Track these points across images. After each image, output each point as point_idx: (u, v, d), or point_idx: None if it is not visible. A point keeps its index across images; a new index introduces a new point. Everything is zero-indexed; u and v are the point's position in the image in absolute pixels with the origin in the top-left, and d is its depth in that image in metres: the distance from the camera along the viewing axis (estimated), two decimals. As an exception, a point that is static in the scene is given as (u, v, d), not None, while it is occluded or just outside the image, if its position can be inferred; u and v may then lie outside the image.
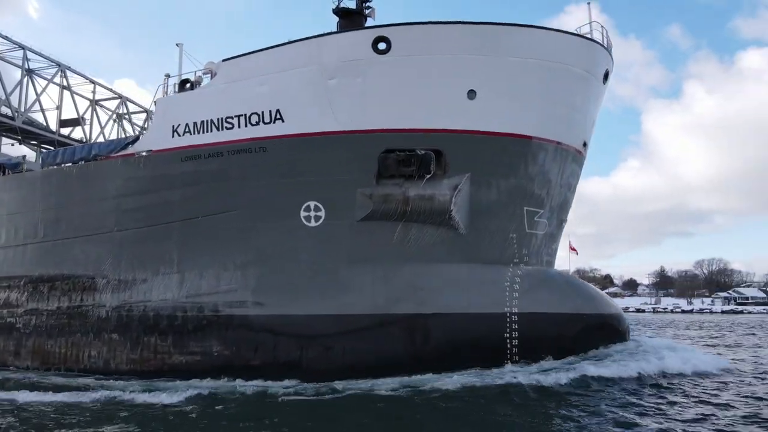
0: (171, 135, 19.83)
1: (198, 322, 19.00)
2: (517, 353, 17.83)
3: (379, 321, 17.85)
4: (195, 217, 19.54)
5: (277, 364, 17.91)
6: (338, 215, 18.36)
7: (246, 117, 18.76)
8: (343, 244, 18.42)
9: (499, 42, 18.08)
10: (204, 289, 19.24)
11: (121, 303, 20.23)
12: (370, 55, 17.79)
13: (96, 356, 20.15)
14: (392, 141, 18.00)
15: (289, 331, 18.08)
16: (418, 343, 17.76)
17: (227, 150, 18.94)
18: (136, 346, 19.57)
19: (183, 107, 19.82)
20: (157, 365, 19.12)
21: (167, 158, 19.83)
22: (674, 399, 14.68)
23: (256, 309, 18.54)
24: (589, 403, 14.01)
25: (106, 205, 20.87)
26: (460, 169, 18.33)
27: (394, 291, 18.11)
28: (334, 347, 17.78)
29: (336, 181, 18.26)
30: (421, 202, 18.05)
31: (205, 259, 19.37)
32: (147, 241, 20.14)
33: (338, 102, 17.93)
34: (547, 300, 18.72)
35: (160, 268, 19.90)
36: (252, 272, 18.84)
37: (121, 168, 20.67)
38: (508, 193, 19.06)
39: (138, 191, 20.33)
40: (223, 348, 18.48)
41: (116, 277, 20.49)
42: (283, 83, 18.41)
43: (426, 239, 18.46)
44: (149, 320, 19.63)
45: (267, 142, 18.53)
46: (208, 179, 19.25)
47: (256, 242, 18.85)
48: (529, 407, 13.79)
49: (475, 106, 18.09)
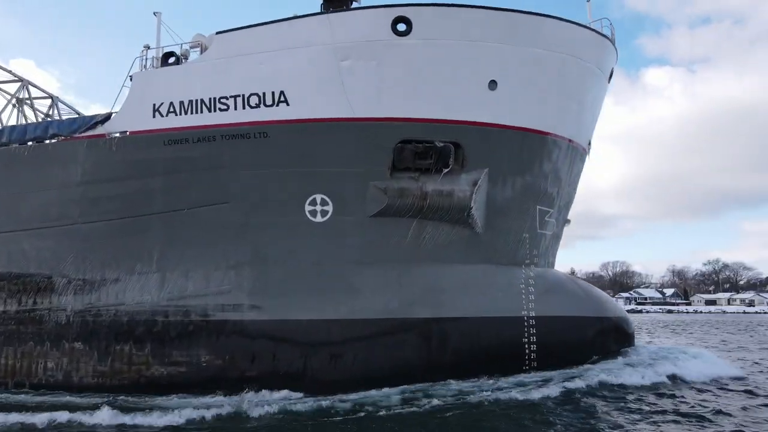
0: (152, 115, 17.35)
1: (183, 327, 16.70)
2: (535, 359, 16.98)
3: (392, 326, 16.40)
4: (180, 209, 17.19)
5: (277, 374, 16.02)
6: (347, 210, 16.73)
7: (244, 98, 16.70)
8: (353, 242, 16.80)
9: (521, 31, 17.14)
10: (190, 290, 16.95)
11: (86, 306, 17.47)
12: (388, 36, 16.30)
13: (54, 368, 17.28)
14: (409, 131, 16.60)
15: (291, 338, 16.24)
16: (434, 349, 16.48)
17: (220, 134, 16.79)
18: (105, 357, 16.94)
19: (167, 84, 17.40)
20: (132, 378, 16.62)
21: (147, 141, 17.33)
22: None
23: (253, 313, 16.52)
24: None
25: (67, 193, 17.99)
26: (478, 164, 17.23)
27: (408, 294, 16.72)
28: (343, 355, 16.15)
29: (346, 172, 16.62)
30: (440, 198, 16.77)
31: (192, 256, 17.08)
32: (120, 235, 17.52)
33: (352, 86, 16.30)
34: (562, 303, 18.03)
35: (135, 267, 17.36)
36: (248, 272, 16.79)
37: (87, 150, 17.87)
38: (523, 191, 18.19)
39: (109, 178, 17.65)
40: (214, 357, 16.33)
41: (80, 276, 17.69)
42: (289, 62, 16.53)
43: (442, 238, 17.20)
44: (122, 326, 17.06)
45: (269, 126, 16.56)
46: (197, 166, 16.99)
47: (253, 238, 16.83)
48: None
49: (496, 97, 17.06)
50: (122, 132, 17.70)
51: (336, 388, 15.68)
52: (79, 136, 18.07)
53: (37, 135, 18.78)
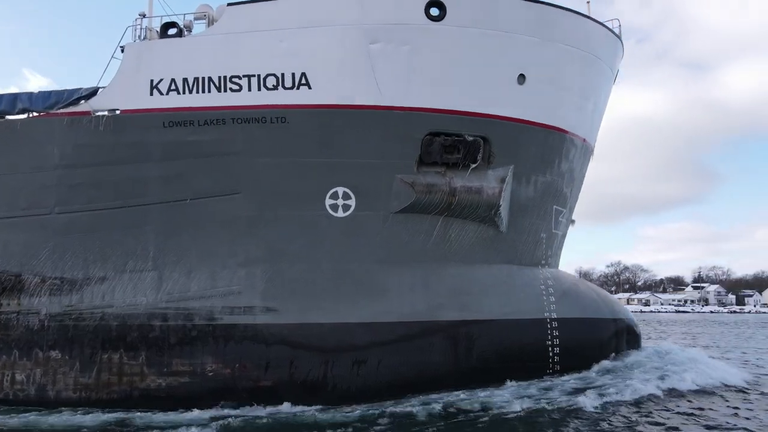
0: (149, 92, 15.29)
1: (185, 333, 14.82)
2: (558, 362, 16.55)
3: (419, 330, 15.37)
4: (181, 200, 15.27)
5: (294, 384, 14.57)
6: (371, 205, 15.51)
7: (260, 78, 15.06)
8: (376, 240, 15.60)
9: (550, 25, 16.66)
10: (193, 291, 15.07)
11: (64, 309, 15.12)
12: (421, 20, 15.26)
13: (24, 381, 14.81)
14: (438, 123, 15.64)
15: (310, 344, 14.81)
16: (461, 354, 15.62)
17: (232, 117, 15.05)
18: (89, 367, 14.71)
19: (168, 58, 15.39)
20: (122, 391, 14.54)
21: (143, 122, 15.26)
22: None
23: (267, 316, 14.92)
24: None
25: (40, 178, 15.52)
26: (504, 161, 16.55)
27: (435, 295, 15.76)
28: (367, 362, 14.94)
29: (371, 164, 15.41)
30: (468, 195, 15.92)
31: (195, 252, 15.21)
32: (108, 227, 15.31)
33: (382, 71, 15.11)
34: (581, 305, 17.75)
35: (127, 264, 15.23)
36: (261, 271, 15.16)
37: (68, 129, 15.46)
38: (544, 190, 17.74)
39: (95, 162, 15.39)
40: (222, 366, 14.59)
41: (57, 274, 15.29)
42: (311, 42, 15.09)
43: (467, 237, 16.37)
44: (111, 331, 14.90)
45: (288, 111, 15.04)
46: (203, 152, 15.15)
47: (267, 233, 15.22)
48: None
49: (524, 92, 16.46)
50: (112, 110, 15.49)
51: (359, 397, 14.51)
52: (58, 113, 15.63)
53: (1, 109, 16.08)
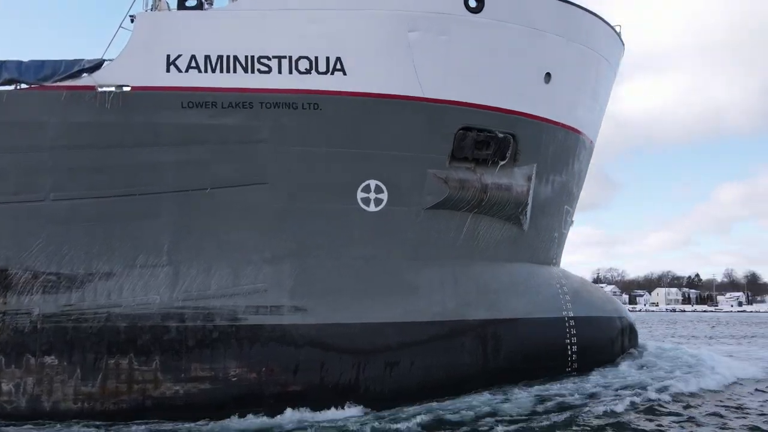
0: (165, 68, 13.77)
1: (204, 334, 13.51)
2: (576, 360, 16.71)
3: (450, 329, 14.95)
4: (200, 189, 13.90)
5: (326, 388, 13.70)
6: (403, 200, 14.88)
7: (291, 60, 14.00)
8: (408, 236, 14.98)
9: (575, 25, 16.76)
10: (214, 288, 13.77)
11: (62, 309, 13.30)
12: (460, 10, 14.80)
13: (13, 392, 12.87)
14: (471, 118, 15.27)
15: (342, 345, 13.98)
16: (489, 353, 15.36)
17: (260, 100, 13.88)
18: (92, 374, 13.04)
19: (188, 32, 13.92)
20: (133, 401, 13.01)
21: (157, 101, 13.72)
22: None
23: (296, 316, 13.91)
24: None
25: (31, 159, 13.57)
26: (528, 159, 16.47)
27: (464, 294, 15.39)
28: (399, 363, 14.32)
29: (404, 157, 14.78)
30: (499, 192, 15.68)
31: (215, 247, 13.90)
32: (113, 217, 13.64)
33: (420, 61, 14.51)
34: (592, 303, 18.04)
35: (137, 258, 13.65)
36: (289, 267, 14.10)
37: (66, 105, 13.58)
38: (559, 190, 17.88)
39: (99, 143, 13.66)
40: (247, 370, 13.44)
41: (52, 269, 13.41)
42: (347, 25, 14.22)
43: (494, 235, 16.13)
44: (118, 334, 13.29)
45: (321, 97, 14.08)
46: (227, 137, 13.87)
47: (295, 227, 14.18)
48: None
49: (549, 91, 16.46)
50: (120, 86, 13.82)
51: (392, 400, 13.89)
52: (53, 86, 13.73)
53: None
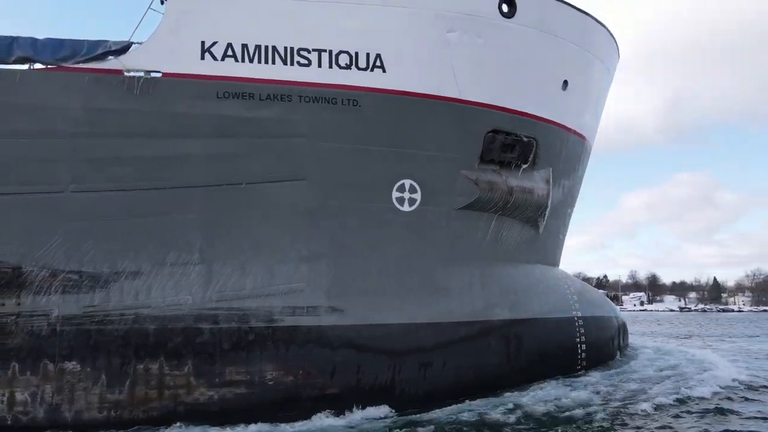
0: (199, 56, 13.02)
1: (240, 336, 12.88)
2: (585, 359, 17.34)
3: (478, 330, 15.08)
4: (235, 183, 13.24)
5: (362, 390, 13.46)
6: (436, 200, 14.87)
7: (331, 55, 13.64)
8: (440, 236, 14.98)
9: (588, 34, 17.42)
10: (249, 288, 13.15)
11: (84, 310, 12.24)
12: (493, 13, 15.00)
13: (28, 401, 11.70)
14: (500, 121, 15.50)
15: (378, 347, 13.76)
16: (512, 353, 15.63)
17: (298, 94, 13.43)
18: (119, 380, 12.10)
19: (224, 18, 13.20)
20: (164, 407, 12.20)
21: (191, 89, 12.94)
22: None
23: (333, 317, 13.55)
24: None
25: (49, 146, 12.41)
26: (544, 163, 16.93)
27: (489, 294, 15.57)
28: (433, 364, 14.29)
29: (438, 157, 14.78)
30: (523, 195, 16.02)
31: (250, 244, 13.28)
32: (141, 212, 12.73)
33: (458, 62, 14.57)
34: (594, 303, 18.77)
35: (166, 256, 12.79)
36: (325, 267, 13.71)
37: (90, 89, 12.54)
38: (566, 194, 18.50)
39: (125, 132, 12.70)
40: (284, 373, 12.94)
41: (73, 267, 12.30)
42: (387, 21, 14.04)
43: (514, 237, 16.46)
44: (147, 337, 12.41)
45: (361, 93, 13.81)
46: (264, 131, 13.31)
47: (331, 225, 13.82)
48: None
49: (565, 98, 17.03)
50: (149, 71, 12.92)
51: (426, 401, 13.87)
52: (74, 67, 12.62)
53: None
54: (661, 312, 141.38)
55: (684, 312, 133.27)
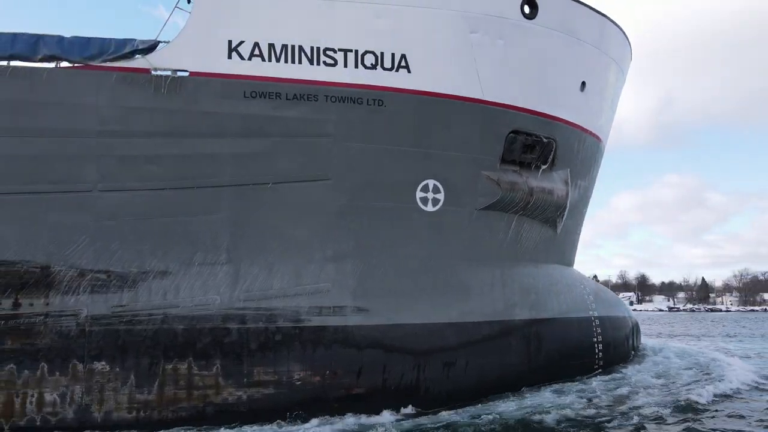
0: (227, 54, 13.00)
1: (267, 337, 12.86)
2: (602, 358, 17.45)
3: (499, 329, 15.15)
4: (262, 183, 13.23)
5: (388, 390, 13.48)
6: (458, 201, 14.91)
7: (357, 54, 13.66)
8: (462, 237, 15.03)
9: (605, 36, 17.52)
10: (276, 288, 13.13)
11: (112, 310, 12.18)
12: (516, 15, 15.08)
13: (57, 402, 11.62)
14: (521, 121, 15.58)
15: (403, 346, 13.79)
16: (533, 353, 15.71)
17: (325, 94, 13.44)
18: (148, 380, 12.06)
19: (251, 17, 13.18)
20: (192, 408, 12.17)
21: (219, 89, 12.91)
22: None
23: (359, 317, 13.56)
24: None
25: (77, 145, 12.35)
26: (563, 164, 17.03)
27: (510, 295, 15.64)
28: (456, 363, 14.34)
29: (460, 158, 14.84)
30: (543, 195, 16.10)
31: (277, 244, 13.27)
32: (169, 211, 12.68)
33: (481, 63, 14.63)
34: (608, 303, 18.86)
35: (194, 256, 12.76)
36: (351, 266, 13.72)
37: (117, 87, 12.49)
38: (582, 194, 18.60)
39: (153, 131, 12.65)
40: (311, 373, 12.94)
41: (101, 266, 12.25)
42: (412, 21, 14.07)
43: (533, 237, 16.53)
44: (175, 337, 12.37)
45: (386, 94, 13.84)
46: (290, 130, 13.31)
47: (357, 225, 13.83)
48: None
49: (583, 99, 17.14)
50: (175, 71, 12.87)
51: (449, 400, 13.93)
52: (102, 66, 12.56)
53: (15, 52, 12.42)
54: (650, 312, 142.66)
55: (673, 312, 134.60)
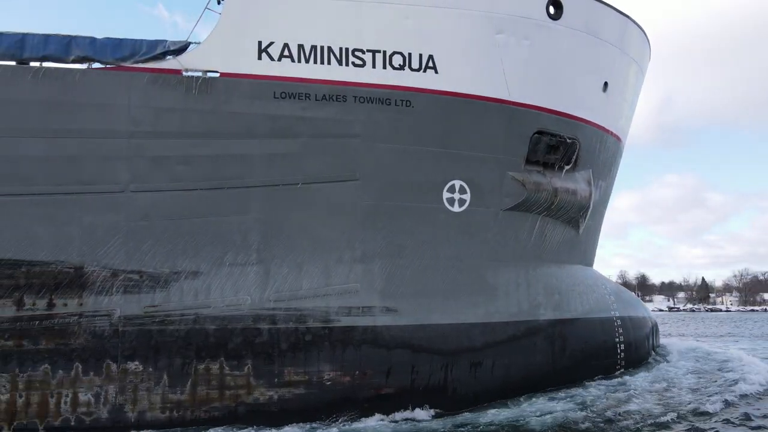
0: (257, 55, 13.04)
1: (297, 337, 12.91)
2: (623, 359, 17.48)
3: (525, 329, 15.19)
4: (291, 184, 13.26)
5: (416, 390, 13.52)
6: (484, 201, 14.95)
7: (386, 55, 13.69)
8: (488, 237, 15.07)
9: (627, 37, 17.54)
10: (305, 288, 13.18)
11: (145, 311, 12.24)
12: (542, 16, 15.10)
13: (91, 402, 11.67)
14: (545, 122, 15.61)
15: (432, 347, 13.83)
16: (557, 353, 15.74)
17: (353, 94, 13.48)
18: (181, 380, 12.11)
19: (281, 18, 13.21)
20: (225, 408, 12.22)
21: (249, 90, 12.95)
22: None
23: (387, 317, 13.60)
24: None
25: (109, 146, 12.39)
26: (585, 165, 17.06)
27: (536, 295, 15.68)
28: (483, 363, 14.38)
29: (486, 158, 14.87)
30: (567, 196, 16.13)
31: (306, 244, 13.31)
32: (200, 212, 12.73)
33: (507, 63, 14.66)
34: (629, 304, 18.89)
35: (225, 256, 12.80)
36: (379, 267, 13.76)
37: (150, 89, 12.53)
38: (603, 194, 18.63)
39: (184, 132, 12.70)
40: (341, 374, 12.99)
41: (133, 266, 12.30)
42: (439, 22, 14.10)
43: (556, 238, 16.56)
44: (207, 337, 12.42)
45: (414, 94, 13.87)
46: (319, 131, 13.34)
47: (385, 226, 13.87)
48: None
49: (605, 100, 17.16)
50: (205, 72, 12.91)
51: (476, 400, 14.00)
52: (134, 67, 12.60)
53: (47, 53, 12.47)
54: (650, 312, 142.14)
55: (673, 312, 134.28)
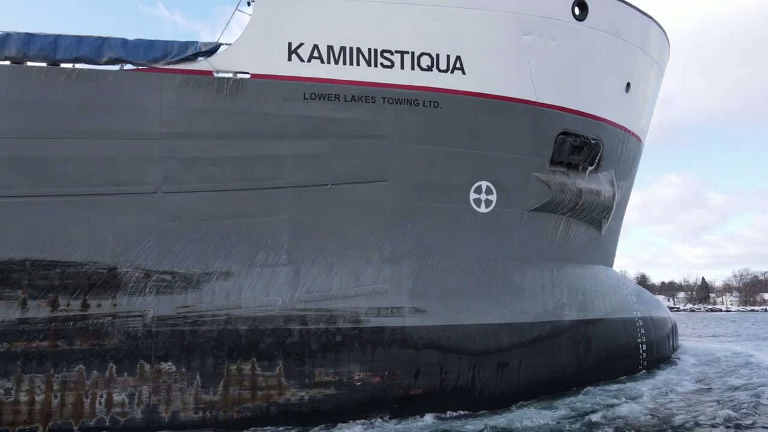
0: (287, 57, 13.08)
1: (328, 338, 12.95)
2: (646, 359, 17.52)
3: (550, 330, 15.22)
4: (321, 184, 13.30)
5: (444, 391, 13.56)
6: (510, 202, 14.98)
7: (414, 56, 13.73)
8: (513, 238, 15.09)
9: (649, 37, 17.56)
10: (335, 289, 13.21)
11: (178, 311, 12.28)
12: (567, 17, 15.13)
13: (125, 403, 11.72)
14: (570, 123, 15.64)
15: (460, 347, 13.87)
16: (581, 353, 15.77)
17: (382, 95, 13.51)
18: (213, 381, 12.16)
19: (310, 19, 13.24)
20: (257, 408, 12.26)
21: (279, 91, 12.99)
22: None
23: (416, 318, 13.64)
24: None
25: (142, 146, 12.44)
26: (608, 166, 17.09)
27: (560, 295, 15.71)
28: (509, 364, 14.41)
29: (512, 159, 14.90)
30: (591, 197, 16.16)
31: (336, 245, 13.35)
32: (231, 212, 12.76)
33: (534, 64, 14.69)
34: (649, 304, 18.93)
35: (256, 257, 12.84)
36: (407, 268, 13.79)
37: (180, 90, 12.58)
38: (624, 195, 18.65)
39: (215, 133, 12.73)
40: (370, 374, 13.03)
41: (166, 267, 12.33)
42: (467, 23, 14.14)
43: (580, 238, 16.59)
44: (239, 338, 12.46)
45: (442, 95, 13.91)
46: (348, 132, 13.38)
47: (413, 226, 13.90)
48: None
49: (628, 100, 17.19)
50: (236, 73, 12.94)
51: (503, 401, 14.02)
52: (166, 68, 12.64)
53: (80, 55, 12.50)
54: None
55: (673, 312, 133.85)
